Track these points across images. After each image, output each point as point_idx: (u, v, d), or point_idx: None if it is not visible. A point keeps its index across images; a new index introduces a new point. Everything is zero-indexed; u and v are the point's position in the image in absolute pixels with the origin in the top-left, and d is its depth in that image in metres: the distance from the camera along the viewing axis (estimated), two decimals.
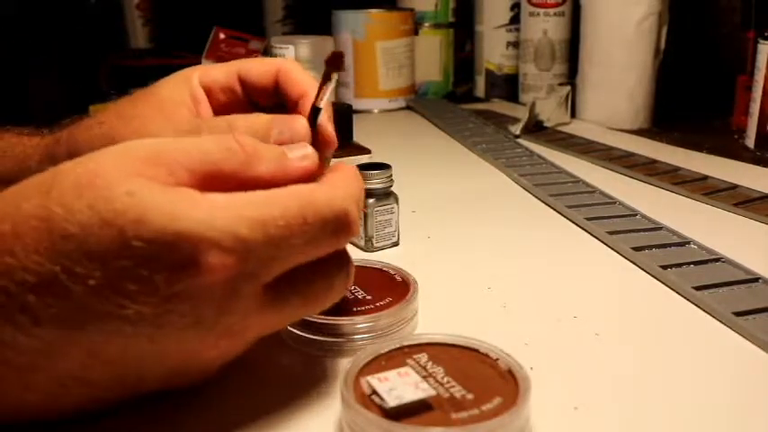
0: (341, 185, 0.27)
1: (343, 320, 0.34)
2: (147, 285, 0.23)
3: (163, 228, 0.23)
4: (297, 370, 0.33)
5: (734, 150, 0.73)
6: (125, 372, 0.25)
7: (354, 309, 0.35)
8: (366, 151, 0.57)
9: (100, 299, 0.23)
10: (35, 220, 0.23)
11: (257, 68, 0.39)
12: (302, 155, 0.28)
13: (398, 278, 0.38)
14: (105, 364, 0.25)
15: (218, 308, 0.24)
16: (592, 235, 0.50)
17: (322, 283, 0.28)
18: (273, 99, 0.39)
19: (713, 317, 0.38)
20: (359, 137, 0.60)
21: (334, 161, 0.36)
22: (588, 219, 0.51)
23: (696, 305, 0.39)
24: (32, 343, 0.23)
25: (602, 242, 0.48)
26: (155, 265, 0.23)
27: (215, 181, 0.25)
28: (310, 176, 0.28)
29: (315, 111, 0.33)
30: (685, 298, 0.40)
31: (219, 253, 0.23)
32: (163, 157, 0.25)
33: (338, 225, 0.26)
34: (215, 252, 0.23)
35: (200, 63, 0.97)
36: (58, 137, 0.42)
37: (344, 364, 0.29)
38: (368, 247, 0.47)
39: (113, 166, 0.24)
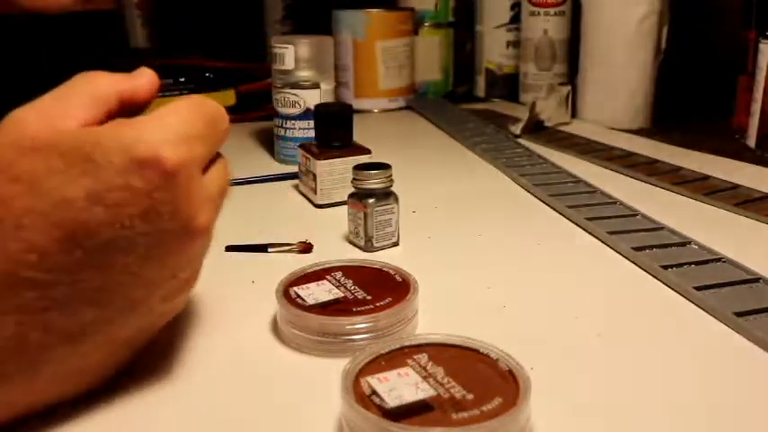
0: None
1: (343, 320, 0.34)
2: (128, 191, 0.27)
3: (118, 145, 0.27)
4: (297, 370, 0.33)
5: (735, 150, 0.73)
6: (132, 282, 0.28)
7: (354, 309, 0.35)
8: (366, 151, 0.57)
9: (90, 213, 0.26)
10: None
11: None
12: (146, 73, 0.33)
13: (398, 278, 0.38)
14: (116, 277, 0.28)
15: (187, 197, 0.28)
16: (592, 235, 0.50)
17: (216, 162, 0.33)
18: None
19: (714, 317, 0.37)
20: (359, 137, 0.59)
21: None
22: (588, 219, 0.51)
23: (697, 305, 0.39)
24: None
25: (603, 242, 0.48)
26: (128, 172, 0.27)
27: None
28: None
29: None
30: (686, 298, 0.40)
31: (170, 147, 0.28)
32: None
33: (221, 114, 0.32)
34: (166, 147, 0.27)
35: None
36: None
37: (344, 364, 0.29)
38: (368, 247, 0.47)
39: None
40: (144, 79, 0.32)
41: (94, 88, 0.30)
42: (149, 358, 0.34)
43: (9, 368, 0.27)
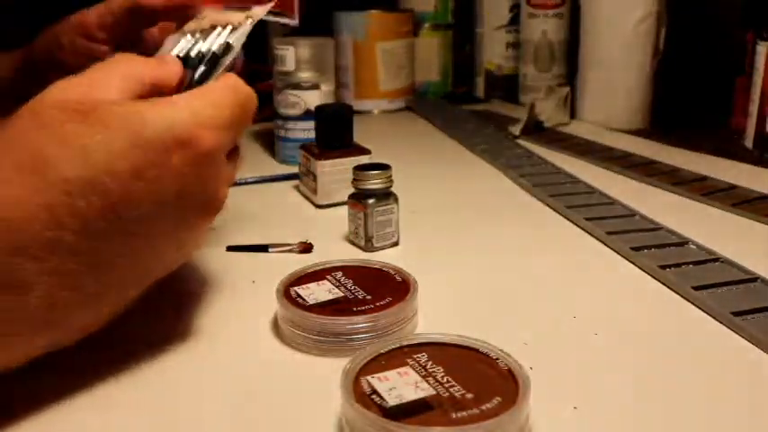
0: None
1: (343, 320, 0.34)
2: (166, 168, 0.29)
3: (163, 123, 0.29)
4: (297, 370, 0.34)
5: (733, 151, 0.73)
6: (149, 252, 0.31)
7: (354, 309, 0.35)
8: (366, 152, 0.57)
9: (132, 186, 0.28)
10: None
11: None
12: (174, 61, 0.36)
13: (398, 278, 0.38)
14: (150, 239, 0.30)
15: (214, 178, 0.31)
16: (591, 235, 0.50)
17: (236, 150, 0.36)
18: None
19: (712, 317, 0.38)
20: (359, 137, 0.60)
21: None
22: (587, 219, 0.51)
23: (695, 305, 0.39)
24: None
25: (602, 242, 0.48)
26: (168, 150, 0.29)
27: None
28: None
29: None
30: (684, 298, 0.40)
31: (207, 130, 0.30)
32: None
33: (251, 100, 0.34)
34: (203, 130, 0.30)
35: None
36: (32, 47, 0.50)
37: (344, 364, 0.29)
38: (368, 247, 0.47)
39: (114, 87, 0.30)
40: (174, 67, 0.34)
41: (133, 68, 0.31)
42: (150, 356, 0.34)
43: (37, 324, 0.28)
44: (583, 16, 0.88)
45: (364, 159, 0.56)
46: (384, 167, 0.47)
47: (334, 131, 0.58)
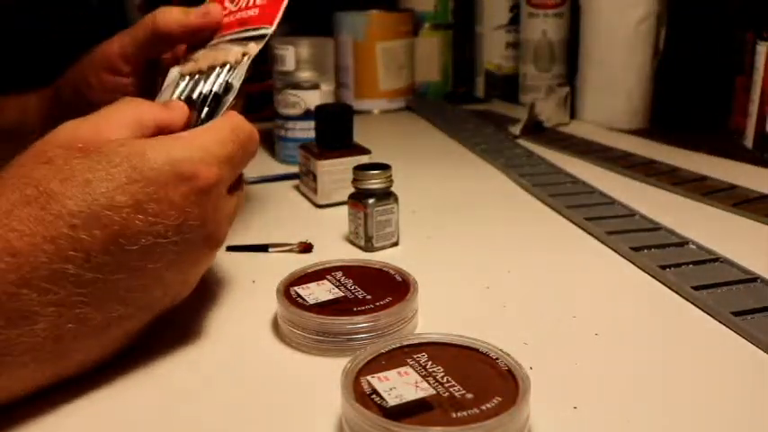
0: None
1: (343, 320, 0.34)
2: (166, 204, 0.30)
3: (164, 158, 0.30)
4: (297, 370, 0.34)
5: (732, 151, 0.73)
6: (154, 284, 0.31)
7: (354, 309, 0.35)
8: (366, 152, 0.57)
9: (134, 219, 0.29)
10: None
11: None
12: (180, 106, 0.37)
13: (398, 278, 0.38)
14: (152, 276, 0.31)
15: (214, 213, 0.32)
16: (591, 235, 0.50)
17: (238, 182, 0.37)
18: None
19: (712, 317, 0.38)
20: (359, 137, 0.60)
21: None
22: (587, 219, 0.51)
23: (695, 305, 0.39)
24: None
25: (602, 242, 0.48)
26: (168, 185, 0.30)
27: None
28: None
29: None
30: (684, 298, 0.40)
31: (207, 166, 0.31)
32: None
33: (253, 138, 0.35)
34: (203, 166, 0.31)
35: None
36: (59, 82, 0.51)
37: (344, 364, 0.29)
38: (368, 247, 0.47)
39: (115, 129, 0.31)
40: (179, 112, 0.35)
41: (139, 113, 0.33)
42: (150, 357, 0.34)
43: (43, 355, 0.28)
44: (583, 16, 0.88)
45: (364, 159, 0.56)
46: (384, 167, 0.47)
47: (334, 131, 0.58)
